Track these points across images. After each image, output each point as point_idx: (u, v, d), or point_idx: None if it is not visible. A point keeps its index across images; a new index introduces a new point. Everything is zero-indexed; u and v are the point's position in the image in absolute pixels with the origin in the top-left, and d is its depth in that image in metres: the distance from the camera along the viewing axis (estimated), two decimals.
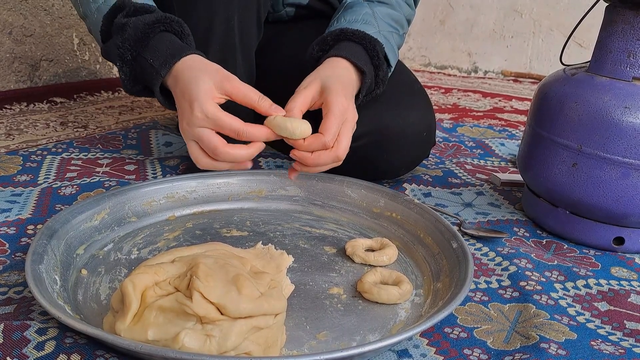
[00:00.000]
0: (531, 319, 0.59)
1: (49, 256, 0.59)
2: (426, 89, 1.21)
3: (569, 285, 0.68)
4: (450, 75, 2.34)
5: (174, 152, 1.09)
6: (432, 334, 0.57)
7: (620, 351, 0.55)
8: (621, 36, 0.73)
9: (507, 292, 0.65)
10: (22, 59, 1.49)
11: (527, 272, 0.69)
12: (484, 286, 0.66)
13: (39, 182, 0.89)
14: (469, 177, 1.03)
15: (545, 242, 0.80)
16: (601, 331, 0.59)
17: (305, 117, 0.65)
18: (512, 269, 0.70)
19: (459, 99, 1.82)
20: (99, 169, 0.97)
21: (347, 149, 0.67)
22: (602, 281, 0.70)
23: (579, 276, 0.70)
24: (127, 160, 1.03)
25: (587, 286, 0.68)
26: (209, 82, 0.63)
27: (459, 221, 0.83)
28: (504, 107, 1.72)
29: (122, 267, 0.65)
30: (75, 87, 1.56)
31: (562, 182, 0.77)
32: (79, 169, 0.97)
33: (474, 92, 1.94)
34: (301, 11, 1.04)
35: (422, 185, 0.97)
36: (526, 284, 0.66)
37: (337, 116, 0.66)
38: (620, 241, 0.77)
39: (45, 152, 1.03)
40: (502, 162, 1.15)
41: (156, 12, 0.73)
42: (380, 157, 0.89)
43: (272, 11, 1.03)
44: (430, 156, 1.12)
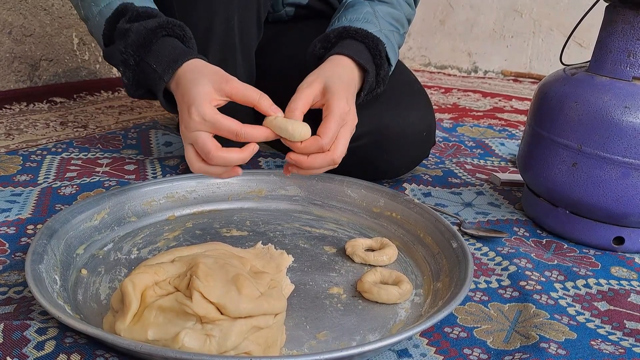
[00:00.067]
0: (531, 319, 0.59)
1: (48, 256, 0.59)
2: (426, 89, 1.21)
3: (569, 285, 0.68)
4: (450, 75, 2.33)
5: (173, 151, 1.09)
6: (432, 334, 0.57)
7: (620, 351, 0.55)
8: (621, 36, 0.73)
9: (507, 292, 0.65)
10: (21, 59, 1.49)
11: (527, 272, 0.69)
12: (483, 286, 0.66)
13: (38, 182, 0.89)
14: (469, 177, 1.03)
15: (545, 242, 0.80)
16: (601, 331, 0.59)
17: (304, 117, 0.65)
18: (512, 268, 0.70)
19: (459, 98, 1.82)
20: (98, 169, 0.97)
21: (343, 153, 0.66)
22: (602, 281, 0.70)
23: (579, 276, 0.70)
24: (127, 160, 1.03)
25: (587, 286, 0.68)
26: (207, 85, 0.62)
27: (459, 221, 0.83)
28: (504, 107, 1.72)
29: (122, 266, 0.65)
30: (75, 86, 1.56)
31: (562, 181, 0.77)
32: (79, 168, 0.97)
33: (474, 92, 1.94)
34: (301, 11, 1.04)
35: (422, 185, 0.97)
36: (526, 283, 0.66)
37: (337, 119, 0.65)
38: (620, 241, 0.77)
39: (45, 152, 1.03)
40: (502, 162, 1.15)
41: (158, 16, 0.72)
42: (380, 157, 0.89)
43: (272, 11, 1.03)
44: (430, 156, 1.12)
